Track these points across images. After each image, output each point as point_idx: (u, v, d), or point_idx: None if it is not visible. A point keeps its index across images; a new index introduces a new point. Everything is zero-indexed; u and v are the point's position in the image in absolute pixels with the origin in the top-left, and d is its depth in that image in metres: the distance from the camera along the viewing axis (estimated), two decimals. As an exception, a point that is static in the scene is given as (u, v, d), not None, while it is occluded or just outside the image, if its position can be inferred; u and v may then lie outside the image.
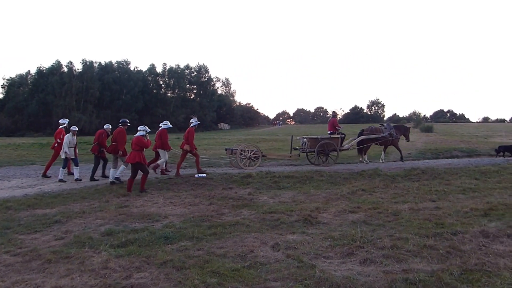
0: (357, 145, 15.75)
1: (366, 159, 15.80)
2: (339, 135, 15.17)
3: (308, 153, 14.96)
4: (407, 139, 16.95)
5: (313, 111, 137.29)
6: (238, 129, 70.17)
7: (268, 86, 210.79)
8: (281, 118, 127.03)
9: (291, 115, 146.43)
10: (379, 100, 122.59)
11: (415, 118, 75.71)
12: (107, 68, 75.28)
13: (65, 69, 70.33)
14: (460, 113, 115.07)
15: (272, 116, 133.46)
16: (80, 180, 11.62)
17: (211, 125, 73.56)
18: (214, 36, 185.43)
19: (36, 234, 6.16)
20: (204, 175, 11.66)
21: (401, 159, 16.29)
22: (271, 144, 24.97)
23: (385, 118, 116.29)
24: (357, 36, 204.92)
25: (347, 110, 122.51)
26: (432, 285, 3.91)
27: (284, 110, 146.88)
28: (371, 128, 16.15)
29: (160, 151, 12.14)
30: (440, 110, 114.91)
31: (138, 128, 10.21)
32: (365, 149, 15.87)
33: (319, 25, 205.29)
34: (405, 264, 4.50)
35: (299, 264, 4.61)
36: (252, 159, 13.67)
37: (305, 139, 14.92)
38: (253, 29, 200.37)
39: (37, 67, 70.06)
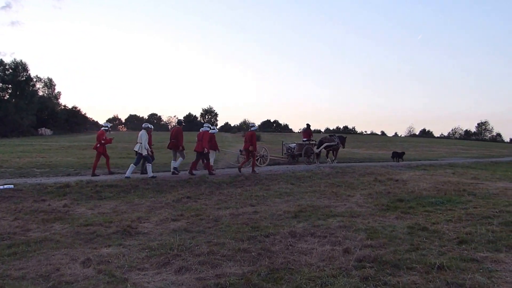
0: (320, 149, 19.83)
1: (331, 161, 19.84)
2: (313, 142, 19.66)
3: (294, 155, 19.42)
4: (343, 147, 21.44)
5: (147, 117, 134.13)
6: (62, 135, 63.79)
7: (98, 90, 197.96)
8: (111, 124, 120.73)
9: (123, 121, 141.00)
10: (212, 109, 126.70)
11: (245, 127, 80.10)
12: None
13: None
14: (285, 124, 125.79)
15: (102, 121, 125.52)
16: (155, 177, 12.35)
17: (29, 130, 65.12)
18: (35, 30, 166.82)
19: None
20: (11, 186, 10.23)
21: (334, 161, 19.97)
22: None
23: (217, 127, 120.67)
24: (185, 45, 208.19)
25: (181, 118, 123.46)
26: (241, 287, 4.04)
27: (116, 115, 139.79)
28: (328, 138, 20.33)
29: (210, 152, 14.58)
30: (268, 120, 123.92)
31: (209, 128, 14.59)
32: (327, 153, 20.37)
33: (150, 30, 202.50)
34: (219, 269, 4.56)
35: (110, 279, 4.29)
36: (265, 157, 17.70)
37: (293, 145, 19.83)
38: (80, 26, 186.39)
39: None
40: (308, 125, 20.36)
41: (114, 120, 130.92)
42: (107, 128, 14.32)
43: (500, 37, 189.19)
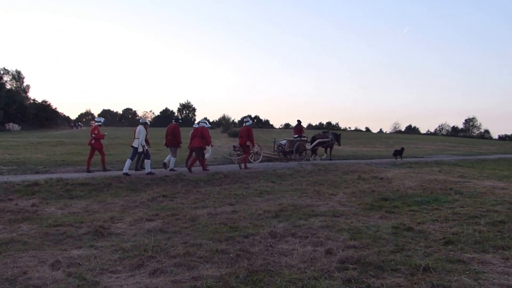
0: (312, 146, 20.14)
1: (319, 158, 19.99)
2: (305, 138, 19.50)
3: (285, 152, 19.01)
4: (339, 144, 21.68)
5: (121, 112, 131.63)
6: (31, 131, 61.24)
7: (70, 83, 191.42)
8: (84, 120, 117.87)
9: (96, 116, 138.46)
10: (190, 104, 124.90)
11: (224, 123, 79.18)
12: None
13: None
14: (265, 119, 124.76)
15: (74, 116, 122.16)
16: (154, 173, 12.54)
17: (-4, 125, 62.55)
18: (2, 20, 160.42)
19: None
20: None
21: (330, 159, 20.21)
22: (69, 148, 22.86)
23: (196, 122, 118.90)
24: (162, 38, 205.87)
25: (157, 113, 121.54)
26: (218, 290, 3.83)
27: (88, 110, 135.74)
28: (321, 134, 20.80)
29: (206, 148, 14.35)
30: (248, 115, 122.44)
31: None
32: (316, 150, 20.31)
33: (123, 22, 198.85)
34: (195, 271, 4.35)
35: (80, 282, 4.07)
36: (258, 154, 18.14)
37: (284, 141, 19.43)
38: (51, 17, 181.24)
39: None
40: (299, 121, 20.25)
41: (86, 115, 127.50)
42: (100, 123, 14.14)
43: (488, 32, 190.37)
